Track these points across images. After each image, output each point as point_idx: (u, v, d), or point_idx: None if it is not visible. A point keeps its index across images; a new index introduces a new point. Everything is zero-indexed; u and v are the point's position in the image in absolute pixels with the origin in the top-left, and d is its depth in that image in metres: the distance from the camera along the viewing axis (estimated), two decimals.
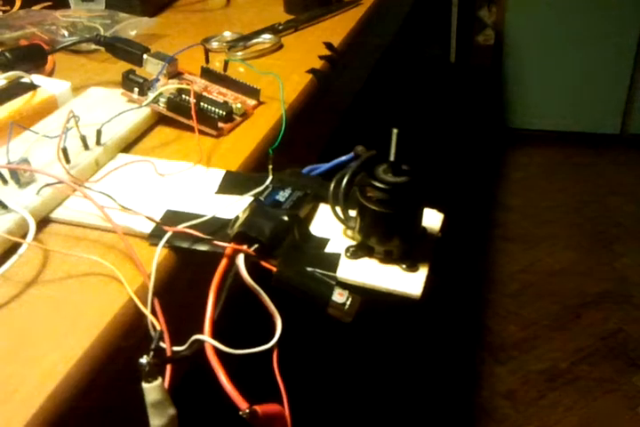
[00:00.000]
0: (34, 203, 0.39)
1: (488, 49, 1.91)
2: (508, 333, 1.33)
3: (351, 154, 0.42)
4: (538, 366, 1.25)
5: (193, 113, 0.45)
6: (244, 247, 0.35)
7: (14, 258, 0.35)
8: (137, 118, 0.48)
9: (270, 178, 0.42)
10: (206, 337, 0.33)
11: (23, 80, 0.50)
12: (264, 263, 0.35)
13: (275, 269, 0.35)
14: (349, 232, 0.38)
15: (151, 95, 0.48)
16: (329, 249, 0.37)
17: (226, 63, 0.52)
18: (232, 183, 0.42)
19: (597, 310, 1.36)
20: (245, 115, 0.50)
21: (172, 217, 0.39)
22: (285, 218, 0.37)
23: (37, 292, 0.35)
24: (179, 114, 0.47)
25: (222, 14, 0.73)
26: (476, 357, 1.27)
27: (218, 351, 0.33)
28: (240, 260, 0.35)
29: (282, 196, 0.39)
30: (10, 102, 0.47)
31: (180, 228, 0.36)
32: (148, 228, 0.38)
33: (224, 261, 0.35)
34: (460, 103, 1.94)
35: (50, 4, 0.69)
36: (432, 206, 0.40)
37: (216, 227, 0.37)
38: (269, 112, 0.51)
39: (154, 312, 0.34)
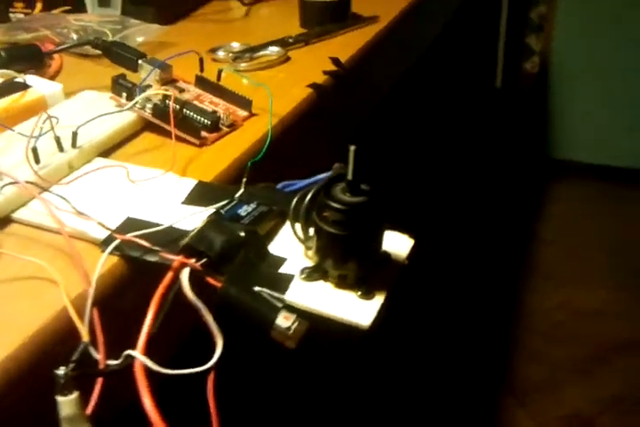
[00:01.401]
0: None
1: (534, 76, 1.87)
2: (531, 373, 1.27)
3: (330, 172, 0.40)
4: (560, 411, 1.18)
5: (171, 119, 0.44)
6: (192, 261, 0.33)
7: None
8: (120, 123, 0.47)
9: (241, 191, 0.40)
10: (137, 353, 0.31)
11: (17, 80, 0.50)
12: (210, 279, 0.33)
13: (220, 285, 0.33)
14: (310, 253, 0.36)
15: (138, 100, 0.47)
16: (284, 269, 0.35)
17: (219, 72, 0.51)
18: (201, 194, 0.41)
19: (629, 357, 1.28)
20: (233, 126, 0.49)
21: (130, 225, 0.37)
22: (241, 233, 0.35)
23: None
24: (163, 120, 0.46)
25: (239, 26, 0.72)
26: (497, 396, 1.21)
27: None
28: (184, 274, 0.33)
29: (244, 210, 0.37)
30: None
31: (129, 236, 0.35)
32: (103, 234, 0.36)
33: (169, 274, 0.33)
34: (503, 130, 1.90)
35: (69, 8, 0.70)
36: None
37: (171, 238, 0.36)
38: (260, 124, 0.50)
39: (92, 322, 0.33)
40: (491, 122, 1.89)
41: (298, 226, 0.36)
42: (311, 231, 0.35)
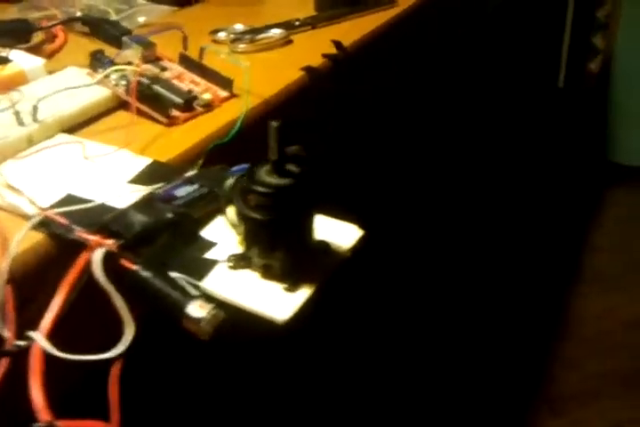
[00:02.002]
0: None
1: (596, 76, 1.78)
2: (569, 382, 1.19)
3: None
4: (598, 423, 1.11)
5: (132, 94, 0.42)
6: (109, 242, 0.31)
7: None
8: (90, 99, 0.45)
9: (192, 172, 0.38)
10: (38, 335, 0.29)
11: (1, 54, 0.49)
12: (124, 261, 0.31)
13: (132, 268, 0.31)
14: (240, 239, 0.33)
15: (112, 77, 0.46)
16: (211, 255, 0.32)
17: (201, 51, 0.49)
18: (152, 174, 0.39)
19: None
20: (210, 106, 0.46)
21: (67, 202, 0.36)
22: (169, 215, 0.32)
23: None
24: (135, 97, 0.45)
25: (254, 9, 0.70)
26: (532, 405, 1.15)
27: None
28: (96, 254, 0.31)
29: (183, 191, 0.35)
30: None
31: (51, 212, 0.33)
32: (34, 210, 0.35)
33: (85, 255, 0.31)
34: (563, 131, 1.82)
35: None
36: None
37: (101, 217, 0.34)
38: (239, 106, 0.47)
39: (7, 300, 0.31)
40: (550, 122, 1.81)
41: (232, 210, 0.33)
42: None
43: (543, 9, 1.71)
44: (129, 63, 0.49)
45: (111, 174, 0.39)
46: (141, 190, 0.35)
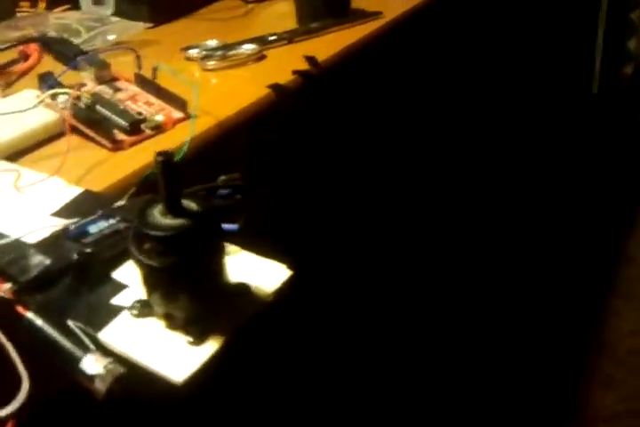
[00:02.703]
0: None
1: (629, 80, 1.71)
2: (605, 403, 1.13)
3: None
4: None
5: (67, 117, 0.39)
6: (5, 286, 0.29)
7: None
8: (35, 124, 0.43)
9: (120, 203, 0.35)
10: None
11: None
12: (19, 308, 0.28)
13: (26, 315, 0.28)
14: None
15: (60, 100, 0.44)
16: (119, 300, 0.29)
17: (154, 70, 0.46)
18: (80, 205, 0.36)
19: None
20: (160, 128, 0.44)
21: None
22: (73, 256, 0.30)
23: None
24: (79, 121, 0.42)
25: (234, 24, 0.67)
26: (562, 425, 1.09)
27: None
28: None
29: (97, 226, 0.32)
30: None
31: None
32: None
33: None
34: (596, 137, 1.75)
35: (68, 6, 0.68)
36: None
37: (12, 254, 0.31)
38: (194, 127, 0.44)
39: None
40: (585, 129, 1.74)
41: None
42: None
43: (575, 12, 1.65)
44: (82, 84, 0.47)
45: (38, 206, 0.36)
46: (56, 226, 0.33)
